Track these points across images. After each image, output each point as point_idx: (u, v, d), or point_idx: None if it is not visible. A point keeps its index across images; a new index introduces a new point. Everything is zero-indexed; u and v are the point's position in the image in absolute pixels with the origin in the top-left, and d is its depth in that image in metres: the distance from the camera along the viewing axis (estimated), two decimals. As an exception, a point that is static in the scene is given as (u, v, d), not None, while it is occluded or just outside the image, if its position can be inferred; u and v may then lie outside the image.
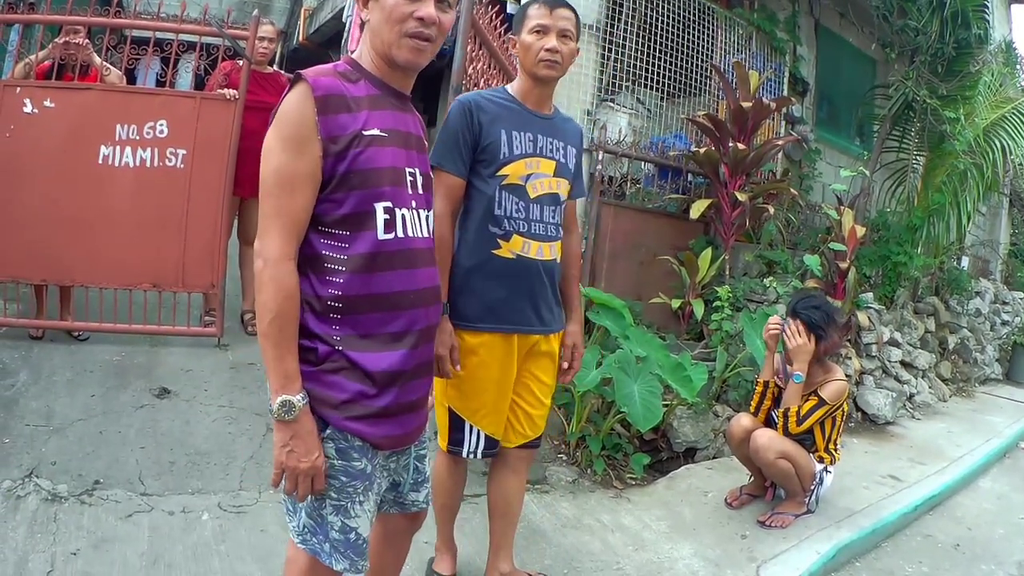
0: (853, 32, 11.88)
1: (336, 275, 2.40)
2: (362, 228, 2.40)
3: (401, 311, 2.48)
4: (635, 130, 8.54)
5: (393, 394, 2.46)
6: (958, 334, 10.72)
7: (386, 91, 2.53)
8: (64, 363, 6.08)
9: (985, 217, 14.22)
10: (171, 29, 6.76)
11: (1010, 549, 5.56)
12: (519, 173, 3.52)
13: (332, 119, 2.34)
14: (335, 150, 2.34)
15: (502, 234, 3.51)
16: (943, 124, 9.23)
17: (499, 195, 3.51)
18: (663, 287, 8.00)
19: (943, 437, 7.82)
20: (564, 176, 3.69)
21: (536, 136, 3.59)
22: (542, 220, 3.59)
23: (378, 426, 2.46)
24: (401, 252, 2.47)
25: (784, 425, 5.13)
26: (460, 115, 3.51)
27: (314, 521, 2.50)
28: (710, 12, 9.45)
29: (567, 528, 4.96)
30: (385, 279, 2.44)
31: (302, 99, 2.34)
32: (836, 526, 5.24)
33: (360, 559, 2.53)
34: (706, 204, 7.88)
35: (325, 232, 2.40)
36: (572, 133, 3.79)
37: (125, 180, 6.36)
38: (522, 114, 3.60)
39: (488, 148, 3.50)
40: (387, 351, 2.45)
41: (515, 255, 3.53)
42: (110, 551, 3.91)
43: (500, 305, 3.56)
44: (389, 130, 2.46)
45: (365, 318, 2.42)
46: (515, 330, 3.61)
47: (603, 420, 6.06)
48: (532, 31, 3.51)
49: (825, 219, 9.00)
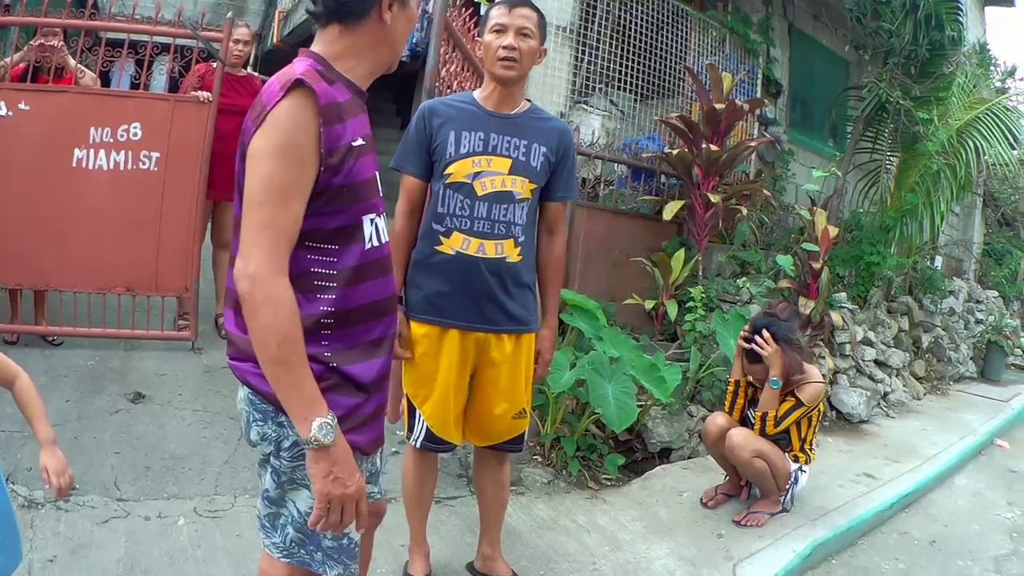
0: (827, 34, 11.95)
1: (326, 291, 2.30)
2: (351, 241, 2.33)
3: (382, 318, 2.46)
4: (608, 132, 8.55)
5: (377, 400, 2.46)
6: (932, 333, 10.78)
7: (356, 94, 2.40)
8: (38, 368, 6.00)
9: (959, 217, 14.33)
10: (145, 31, 6.72)
11: (985, 545, 5.61)
12: (464, 171, 3.58)
13: (331, 130, 2.20)
14: (332, 163, 2.21)
15: (443, 231, 3.61)
16: (916, 125, 9.30)
17: (443, 193, 3.61)
18: (637, 288, 8.00)
19: (918, 435, 7.87)
20: (523, 174, 3.65)
21: (489, 135, 3.62)
22: (488, 218, 3.60)
23: (365, 433, 2.42)
24: (379, 260, 2.44)
25: (762, 428, 5.15)
26: (416, 121, 3.70)
27: (303, 535, 2.44)
28: (683, 14, 9.48)
29: (543, 529, 4.95)
30: (369, 289, 2.39)
31: (304, 107, 2.17)
32: (811, 524, 5.26)
33: (353, 562, 2.52)
34: (679, 205, 7.90)
35: (313, 248, 2.29)
36: (546, 132, 3.75)
37: (99, 183, 6.33)
38: (476, 114, 3.66)
39: (437, 149, 3.63)
40: (372, 359, 2.42)
41: (454, 251, 3.59)
42: (87, 557, 3.89)
43: (440, 299, 3.64)
44: (366, 137, 2.37)
45: (354, 330, 2.36)
46: (455, 325, 3.65)
47: (578, 421, 6.05)
48: (492, 30, 3.59)
49: (798, 220, 9.03)
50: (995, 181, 15.49)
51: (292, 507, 2.42)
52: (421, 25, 11.54)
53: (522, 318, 3.79)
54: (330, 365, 2.30)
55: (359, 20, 2.32)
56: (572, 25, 8.07)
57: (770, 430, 5.12)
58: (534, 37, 3.59)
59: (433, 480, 4.13)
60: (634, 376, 5.69)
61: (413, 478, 4.01)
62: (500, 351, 3.76)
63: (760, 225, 9.25)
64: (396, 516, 4.52)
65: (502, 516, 4.17)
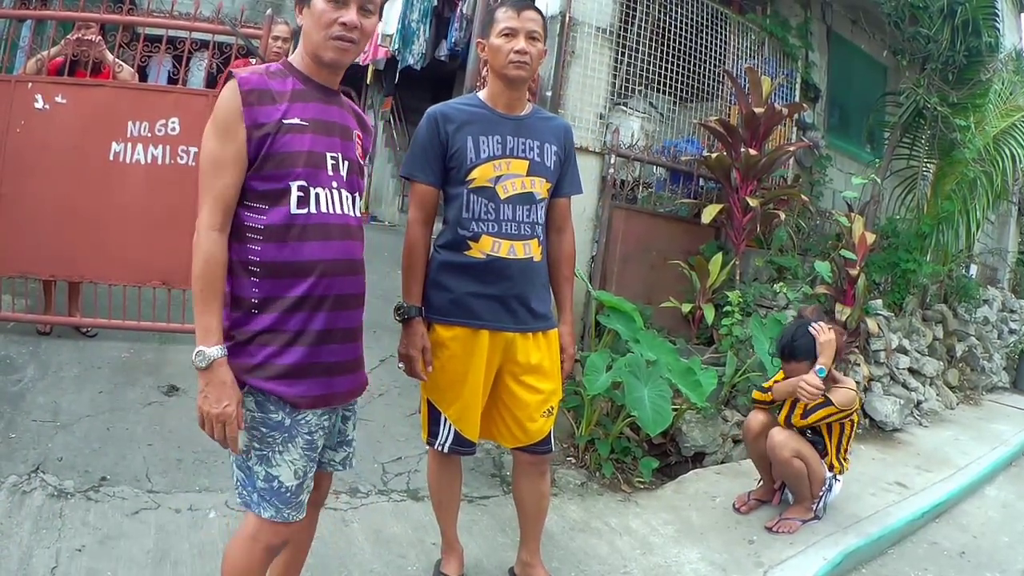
0: (865, 39, 11.86)
1: (255, 243, 2.71)
2: (277, 203, 2.72)
3: (310, 277, 2.74)
4: (647, 134, 8.54)
5: (300, 353, 2.74)
6: (966, 342, 10.71)
7: (312, 86, 2.85)
8: (72, 359, 6.11)
9: (994, 225, 14.18)
10: (184, 27, 6.78)
11: (1015, 557, 5.57)
12: (487, 175, 3.63)
13: (256, 109, 2.68)
14: (257, 135, 2.67)
15: (471, 236, 3.65)
16: (953, 132, 9.22)
17: (467, 198, 3.65)
18: (674, 291, 7.99)
19: (950, 445, 7.82)
20: (540, 175, 3.75)
21: (505, 138, 3.69)
22: (514, 219, 3.68)
23: (294, 385, 2.74)
24: (314, 226, 2.76)
25: (788, 414, 5.16)
26: (427, 127, 3.71)
27: (243, 472, 2.80)
28: (723, 17, 9.44)
29: (575, 531, 4.98)
30: (296, 248, 2.72)
31: (231, 94, 2.69)
32: (843, 532, 5.25)
33: (285, 507, 2.78)
34: (717, 209, 7.89)
35: (248, 206, 2.72)
36: (552, 131, 3.86)
37: (136, 177, 6.39)
38: (490, 118, 3.71)
39: (455, 155, 3.65)
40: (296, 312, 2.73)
41: (485, 255, 3.64)
42: (115, 548, 3.94)
43: (470, 301, 3.67)
44: (309, 119, 2.78)
45: (278, 282, 2.72)
46: (484, 326, 3.69)
47: (612, 424, 6.07)
48: (501, 34, 3.63)
49: (835, 225, 8.99)
50: (1031, 189, 15.38)
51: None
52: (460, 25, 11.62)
53: (547, 315, 3.88)
54: (252, 312, 2.72)
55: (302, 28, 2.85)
56: (611, 27, 8.05)
57: (796, 420, 5.12)
58: (541, 40, 3.69)
59: (459, 481, 4.16)
60: (670, 379, 5.71)
61: (440, 482, 4.05)
62: (527, 351, 3.80)
63: (797, 230, 9.20)
64: (427, 514, 4.59)
65: (542, 525, 4.17)
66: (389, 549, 4.40)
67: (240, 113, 2.66)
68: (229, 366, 2.65)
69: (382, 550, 4.37)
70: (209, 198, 2.66)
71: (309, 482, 2.87)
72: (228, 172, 2.67)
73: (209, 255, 2.63)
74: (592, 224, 7.71)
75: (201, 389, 2.63)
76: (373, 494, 5.04)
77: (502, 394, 3.84)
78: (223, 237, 2.67)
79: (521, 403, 3.81)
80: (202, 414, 2.63)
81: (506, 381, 3.82)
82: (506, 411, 3.85)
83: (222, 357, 2.63)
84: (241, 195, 2.71)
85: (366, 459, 5.29)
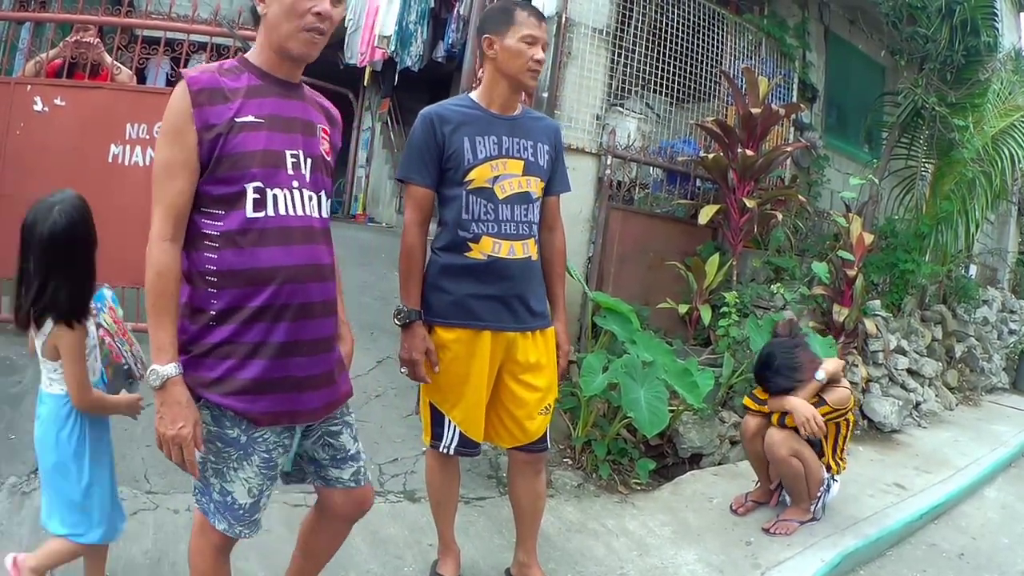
0: (863, 39, 11.84)
1: (211, 251, 2.60)
2: (233, 207, 2.60)
3: (270, 285, 2.62)
4: (644, 135, 8.53)
5: (261, 366, 2.63)
6: (965, 343, 10.70)
7: (269, 81, 2.73)
8: None
9: (993, 225, 14.17)
10: (182, 29, 6.81)
11: (1014, 559, 5.55)
12: (485, 176, 3.65)
13: (206, 110, 2.56)
14: (208, 137, 2.55)
15: (471, 237, 3.66)
16: (952, 132, 9.21)
17: (466, 200, 3.66)
18: (670, 292, 7.98)
19: (949, 446, 7.80)
20: (535, 174, 3.79)
21: (501, 138, 3.70)
22: (512, 219, 3.70)
23: (256, 401, 2.64)
24: (273, 230, 2.63)
25: (783, 415, 5.14)
26: (423, 128, 3.69)
27: (201, 482, 2.75)
28: (720, 18, 9.43)
29: (572, 532, 4.97)
30: (253, 254, 2.60)
31: (180, 95, 2.57)
32: (841, 534, 5.24)
33: (238, 524, 2.75)
34: (714, 210, 7.87)
35: (204, 212, 2.61)
36: (543, 130, 3.89)
37: (135, 179, 6.39)
38: (485, 118, 3.72)
39: (452, 156, 3.64)
40: (255, 323, 2.62)
41: (486, 256, 3.66)
42: (114, 548, 3.87)
43: (471, 302, 3.68)
44: (266, 116, 2.65)
45: (237, 291, 2.60)
46: (486, 327, 3.70)
47: (609, 425, 6.06)
48: (523, 40, 3.64)
49: (833, 226, 8.98)
50: (1030, 189, 15.38)
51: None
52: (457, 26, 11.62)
53: (545, 313, 3.92)
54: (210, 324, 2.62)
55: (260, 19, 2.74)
56: (608, 28, 8.03)
57: (791, 421, 5.09)
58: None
59: (457, 482, 4.17)
60: (667, 381, 5.69)
61: (439, 483, 4.05)
62: (527, 349, 3.81)
63: (795, 231, 9.19)
64: (424, 515, 4.59)
65: (538, 525, 4.18)
66: (386, 550, 4.41)
67: (190, 115, 2.55)
68: (186, 381, 2.58)
69: (379, 551, 4.38)
70: (160, 207, 2.57)
71: (265, 500, 2.83)
72: (179, 178, 2.56)
73: (161, 267, 2.55)
74: (589, 225, 7.69)
75: (157, 409, 2.55)
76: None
77: (502, 394, 3.85)
78: (175, 248, 2.59)
79: (521, 402, 3.84)
80: (159, 435, 2.56)
81: (506, 381, 3.84)
82: (504, 411, 3.86)
83: (177, 376, 2.54)
84: (197, 201, 2.61)
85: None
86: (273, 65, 2.75)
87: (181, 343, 2.62)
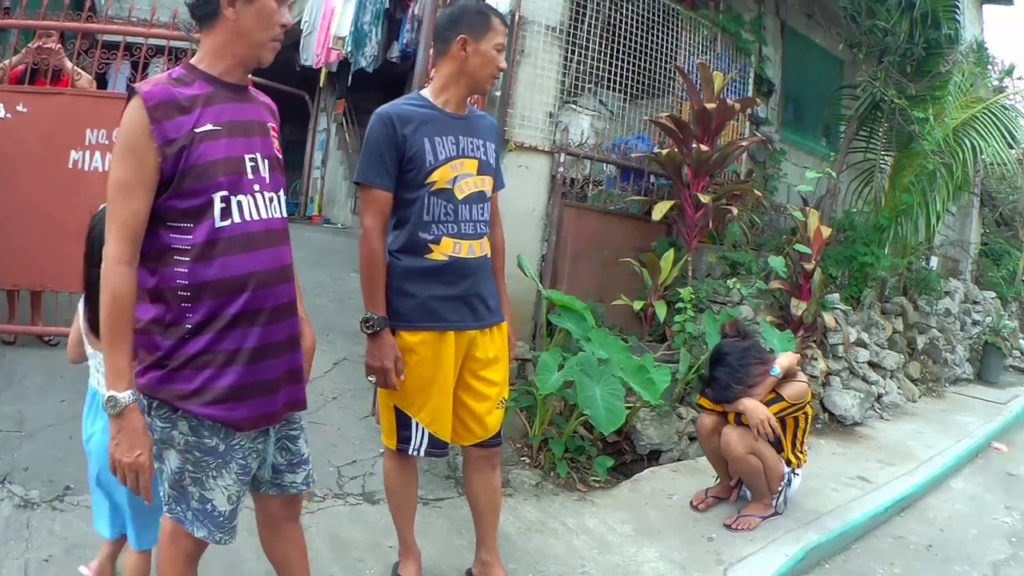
0: (820, 33, 11.90)
1: (182, 265, 2.56)
2: (202, 219, 2.57)
3: (242, 292, 2.62)
4: (597, 132, 8.48)
5: (238, 373, 2.63)
6: (927, 334, 10.70)
7: (220, 86, 2.68)
8: (35, 368, 6.18)
9: (955, 217, 14.27)
10: (140, 33, 6.86)
11: (983, 550, 5.54)
12: (446, 177, 3.63)
13: (165, 124, 2.50)
14: (171, 152, 2.50)
15: (432, 239, 3.64)
16: (912, 124, 9.24)
17: (427, 201, 3.62)
18: (625, 289, 7.94)
19: (913, 438, 7.78)
20: (487, 173, 3.81)
21: (458, 138, 3.70)
22: (471, 219, 3.71)
23: (234, 409, 2.63)
24: (239, 237, 2.63)
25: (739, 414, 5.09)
26: (382, 129, 3.60)
27: (176, 491, 2.72)
28: (674, 13, 9.39)
29: (531, 531, 4.94)
30: (224, 264, 2.59)
31: (135, 111, 2.51)
32: (803, 528, 5.21)
33: (218, 531, 2.75)
34: (668, 206, 7.81)
35: (171, 227, 2.57)
36: (488, 129, 3.91)
37: (95, 185, 6.31)
38: (442, 118, 3.69)
39: (414, 158, 3.59)
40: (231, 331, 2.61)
41: (447, 256, 3.65)
42: (82, 557, 3.89)
43: (435, 304, 3.66)
44: (224, 123, 2.63)
45: (210, 303, 2.58)
46: (450, 327, 3.68)
47: (566, 423, 6.02)
48: (496, 47, 3.65)
49: (790, 220, 8.97)
50: (993, 180, 15.50)
51: (166, 464, 2.69)
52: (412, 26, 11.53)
53: (498, 310, 3.94)
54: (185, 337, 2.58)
55: (212, 23, 2.64)
56: (561, 25, 7.96)
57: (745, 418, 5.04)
58: None
59: (416, 484, 4.13)
60: (623, 378, 5.66)
61: (398, 485, 4.01)
62: (485, 346, 3.83)
63: (751, 225, 9.20)
64: (384, 517, 4.60)
65: (498, 521, 4.16)
66: (347, 553, 4.40)
67: (148, 132, 2.49)
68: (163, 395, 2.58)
69: (340, 554, 4.37)
70: (115, 227, 2.50)
71: (241, 505, 2.82)
72: (136, 198, 2.51)
73: (117, 292, 2.47)
74: (542, 223, 7.61)
75: (113, 435, 2.48)
76: (329, 498, 5.04)
77: (461, 392, 3.84)
78: (132, 270, 2.52)
79: (482, 397, 3.85)
80: (113, 462, 2.49)
81: (466, 378, 3.83)
82: (464, 409, 3.86)
83: (134, 403, 2.48)
84: (162, 216, 2.56)
85: (321, 463, 5.27)
86: (228, 71, 2.71)
87: (155, 359, 2.59)
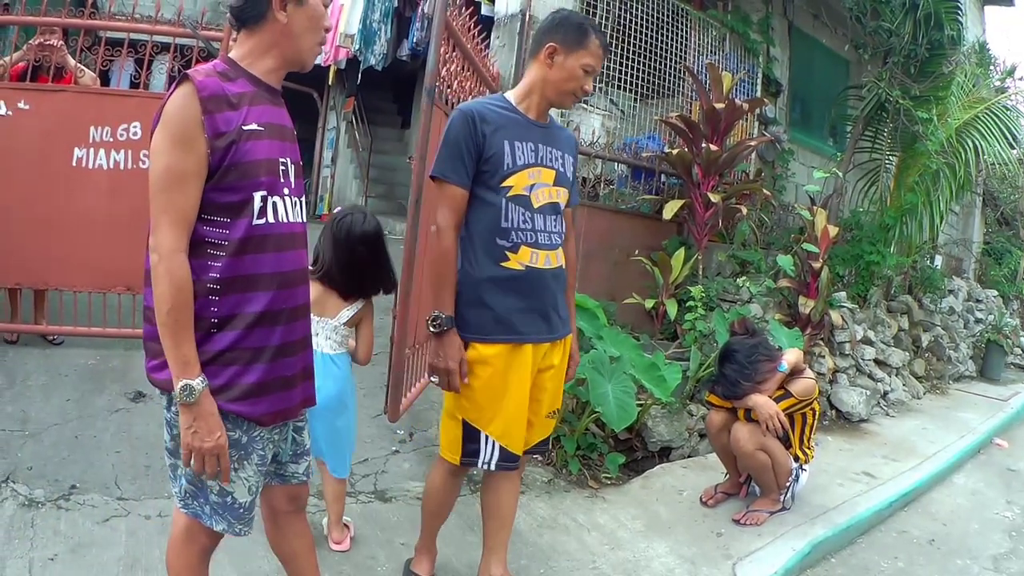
0: (826, 33, 11.93)
1: (216, 259, 2.55)
2: (240, 215, 2.56)
3: (270, 290, 2.63)
4: (608, 131, 8.55)
5: (262, 370, 2.63)
6: (931, 332, 10.76)
7: (261, 87, 2.67)
8: (39, 367, 6.07)
9: (958, 216, 14.31)
10: (145, 30, 6.75)
11: (985, 544, 5.60)
12: (523, 184, 3.52)
13: (216, 117, 2.48)
14: (220, 145, 2.48)
15: (510, 246, 3.52)
16: (916, 124, 9.28)
17: (506, 207, 3.50)
18: (637, 287, 8.00)
19: (917, 434, 7.85)
20: (563, 185, 3.69)
21: (537, 145, 3.57)
22: (546, 229, 3.59)
23: (256, 404, 2.63)
24: (270, 236, 2.63)
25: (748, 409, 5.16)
26: (463, 125, 3.48)
27: (194, 486, 2.73)
28: (683, 14, 9.47)
29: (543, 528, 4.94)
30: (256, 261, 2.60)
31: (188, 100, 2.47)
32: (811, 523, 5.25)
33: (238, 522, 2.77)
34: (679, 205, 7.89)
35: (209, 220, 2.55)
36: (568, 141, 3.80)
37: (99, 182, 6.36)
38: (523, 123, 3.57)
39: (492, 159, 3.47)
40: (257, 328, 2.61)
41: (524, 266, 3.53)
42: (87, 556, 3.90)
43: (512, 316, 3.55)
44: (265, 124, 2.63)
45: (239, 297, 2.58)
46: (527, 339, 3.60)
47: (578, 420, 6.04)
48: (584, 67, 3.51)
49: (798, 219, 9.03)
50: (995, 180, 15.53)
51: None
52: (422, 24, 11.59)
53: (568, 322, 3.86)
54: (211, 331, 2.56)
55: (258, 23, 2.63)
56: (572, 25, 8.02)
57: (755, 414, 5.10)
58: None
59: (457, 495, 4.04)
60: (634, 375, 5.70)
61: (443, 496, 3.93)
62: (553, 357, 3.77)
63: (760, 224, 9.24)
64: (396, 514, 4.58)
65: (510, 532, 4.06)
66: (359, 550, 4.37)
67: (200, 123, 2.45)
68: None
69: (351, 551, 4.34)
70: (169, 217, 2.46)
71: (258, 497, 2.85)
72: (192, 186, 2.47)
73: (180, 281, 2.45)
74: (555, 222, 7.65)
75: (189, 424, 2.48)
76: (341, 496, 5.02)
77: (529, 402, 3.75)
78: (187, 259, 2.49)
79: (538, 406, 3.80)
80: (191, 450, 2.51)
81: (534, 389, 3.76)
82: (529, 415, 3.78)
83: (207, 387, 2.50)
84: (200, 208, 2.52)
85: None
86: (269, 72, 2.71)
87: None
